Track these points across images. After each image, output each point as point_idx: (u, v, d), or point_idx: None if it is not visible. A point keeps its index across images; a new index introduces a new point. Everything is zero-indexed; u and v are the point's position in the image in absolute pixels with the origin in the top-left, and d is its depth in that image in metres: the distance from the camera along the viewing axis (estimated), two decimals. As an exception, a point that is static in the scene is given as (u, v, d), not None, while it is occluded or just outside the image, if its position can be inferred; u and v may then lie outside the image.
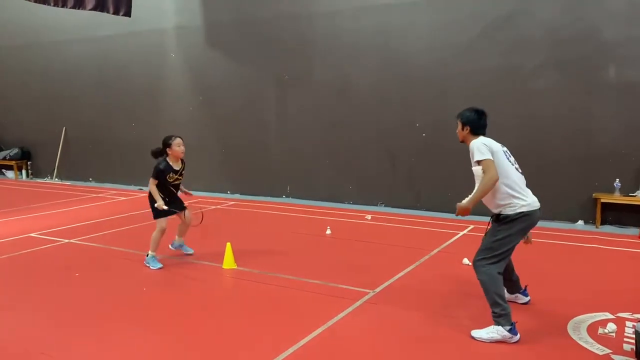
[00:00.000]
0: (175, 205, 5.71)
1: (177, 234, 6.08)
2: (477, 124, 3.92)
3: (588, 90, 7.62)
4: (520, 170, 3.93)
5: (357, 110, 9.40)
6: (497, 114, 7.86)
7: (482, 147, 3.74)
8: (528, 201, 3.79)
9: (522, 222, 3.75)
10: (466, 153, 3.98)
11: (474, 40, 8.27)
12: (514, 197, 3.76)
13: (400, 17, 8.83)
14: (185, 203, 5.92)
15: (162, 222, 5.67)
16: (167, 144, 5.60)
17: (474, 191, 3.82)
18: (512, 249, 3.84)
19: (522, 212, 3.74)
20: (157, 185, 5.61)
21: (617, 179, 7.42)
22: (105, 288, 4.98)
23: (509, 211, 3.76)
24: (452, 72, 8.46)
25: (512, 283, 4.31)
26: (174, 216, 5.77)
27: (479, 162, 3.74)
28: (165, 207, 5.51)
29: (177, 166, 5.69)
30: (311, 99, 9.88)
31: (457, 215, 3.93)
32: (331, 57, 9.57)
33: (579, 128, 7.71)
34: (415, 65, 8.80)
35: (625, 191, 7.43)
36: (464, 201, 3.86)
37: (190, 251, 6.15)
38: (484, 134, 3.95)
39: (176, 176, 5.69)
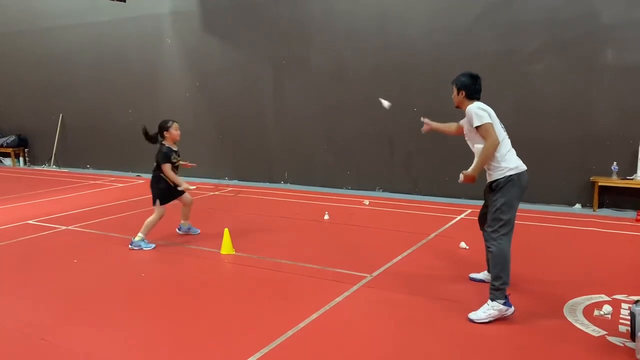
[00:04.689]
0: (176, 190, 5.97)
1: (182, 218, 6.36)
2: (472, 89, 3.99)
3: (586, 74, 7.58)
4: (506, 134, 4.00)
5: (354, 95, 9.34)
6: (495, 97, 7.77)
7: (479, 111, 3.80)
8: (516, 164, 3.87)
9: (513, 186, 3.80)
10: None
11: (472, 23, 8.21)
12: (502, 161, 3.83)
13: (398, 0, 8.75)
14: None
15: (162, 209, 5.90)
16: (164, 127, 5.88)
17: (476, 158, 3.87)
18: (515, 214, 3.86)
19: (510, 175, 3.81)
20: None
21: (615, 162, 7.42)
22: (104, 274, 4.99)
23: (497, 176, 3.83)
24: (450, 55, 8.39)
25: None
26: (175, 201, 6.09)
27: (477, 128, 3.79)
28: (192, 187, 5.88)
29: (175, 147, 5.97)
30: (309, 83, 9.82)
31: (462, 182, 3.97)
32: (329, 41, 9.50)
33: (576, 111, 7.68)
34: (413, 48, 8.73)
35: (623, 174, 7.43)
36: (469, 169, 3.88)
37: (198, 231, 6.45)
38: (478, 99, 4.01)
39: (178, 158, 5.97)
